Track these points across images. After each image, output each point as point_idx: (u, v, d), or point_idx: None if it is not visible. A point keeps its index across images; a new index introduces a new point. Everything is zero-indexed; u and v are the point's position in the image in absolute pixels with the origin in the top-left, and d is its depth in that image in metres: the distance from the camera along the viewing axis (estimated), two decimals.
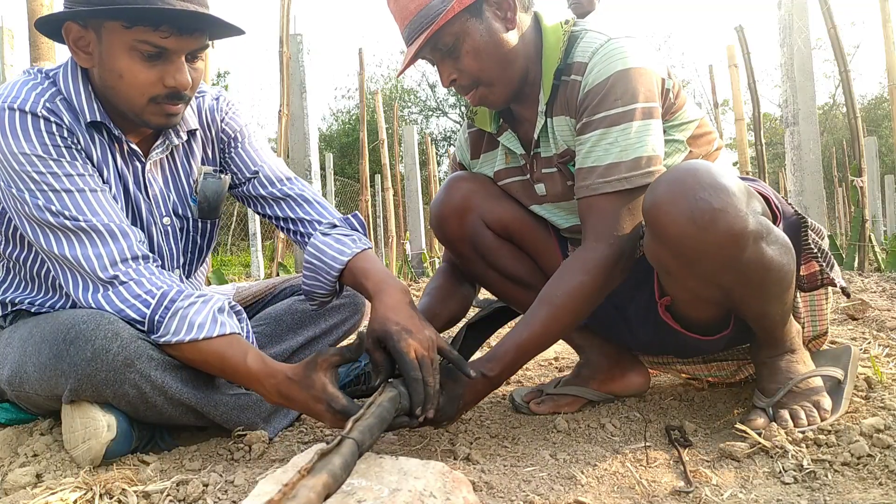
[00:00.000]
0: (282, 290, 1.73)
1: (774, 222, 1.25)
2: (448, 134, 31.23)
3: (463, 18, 1.26)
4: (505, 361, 1.26)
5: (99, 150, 1.30)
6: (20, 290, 1.39)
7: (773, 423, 1.20)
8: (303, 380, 1.15)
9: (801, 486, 1.02)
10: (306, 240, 1.44)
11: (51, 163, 1.21)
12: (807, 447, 1.11)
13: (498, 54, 1.30)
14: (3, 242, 1.36)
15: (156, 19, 1.17)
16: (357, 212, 1.49)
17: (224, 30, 1.27)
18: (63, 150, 1.23)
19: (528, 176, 1.46)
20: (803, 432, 1.15)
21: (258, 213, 1.54)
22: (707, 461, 1.13)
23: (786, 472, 1.05)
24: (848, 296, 1.32)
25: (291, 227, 1.48)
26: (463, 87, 1.34)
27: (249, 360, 1.18)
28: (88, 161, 1.27)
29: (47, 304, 1.37)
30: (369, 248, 1.40)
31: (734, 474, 1.06)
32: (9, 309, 1.40)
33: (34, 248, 1.32)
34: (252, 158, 1.50)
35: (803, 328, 1.38)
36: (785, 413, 1.22)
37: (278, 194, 1.48)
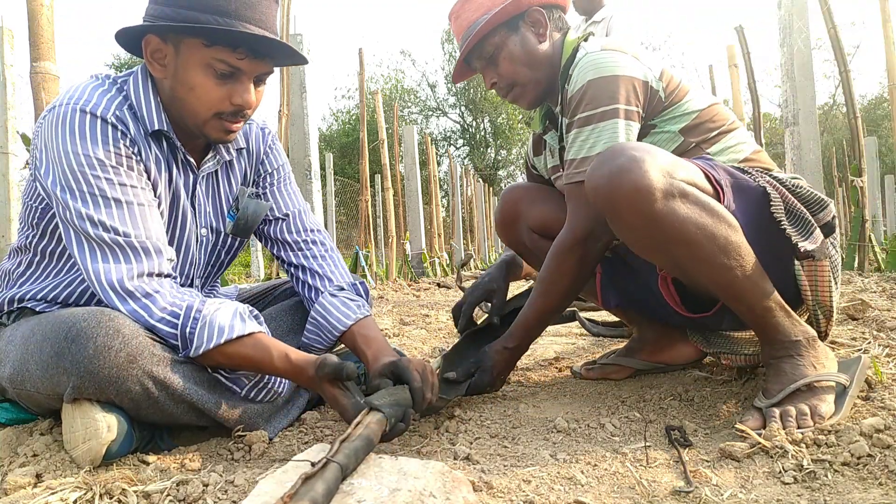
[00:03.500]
0: (282, 290, 1.74)
1: (718, 197, 1.30)
2: (448, 134, 31.23)
3: (501, 32, 1.57)
4: (518, 336, 1.59)
5: (154, 164, 1.34)
6: (39, 282, 1.39)
7: (766, 424, 1.19)
8: (318, 385, 1.25)
9: (801, 486, 1.01)
10: (311, 294, 1.55)
11: (109, 169, 1.24)
12: (807, 447, 1.11)
13: (529, 61, 1.58)
14: (37, 236, 1.38)
15: (235, 41, 1.24)
16: (364, 280, 1.62)
17: (289, 59, 1.36)
18: (123, 158, 1.27)
19: (562, 164, 1.69)
20: (803, 432, 1.15)
21: (272, 253, 1.61)
22: (707, 461, 1.13)
23: (786, 472, 1.05)
24: (813, 258, 1.33)
25: (301, 275, 1.57)
26: (501, 88, 1.63)
27: (276, 359, 1.25)
28: (145, 174, 1.31)
29: (61, 298, 1.37)
30: (371, 315, 1.53)
31: (734, 474, 1.06)
32: (14, 306, 1.40)
33: None
34: (286, 202, 1.59)
35: (805, 299, 1.38)
36: (777, 414, 1.21)
37: (301, 243, 1.57)
